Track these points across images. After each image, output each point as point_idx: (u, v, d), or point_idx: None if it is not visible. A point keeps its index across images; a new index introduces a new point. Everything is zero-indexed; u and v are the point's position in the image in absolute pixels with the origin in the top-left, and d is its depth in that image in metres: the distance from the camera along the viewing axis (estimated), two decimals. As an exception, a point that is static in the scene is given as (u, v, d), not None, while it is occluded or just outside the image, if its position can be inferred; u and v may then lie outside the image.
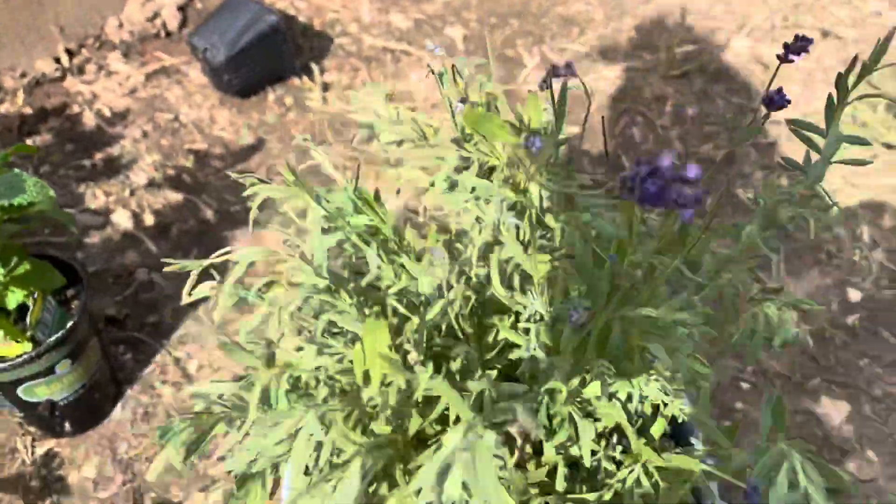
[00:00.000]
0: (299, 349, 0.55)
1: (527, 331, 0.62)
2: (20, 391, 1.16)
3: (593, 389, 0.61)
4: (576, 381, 0.60)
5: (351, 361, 0.56)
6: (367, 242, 0.66)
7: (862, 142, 0.68)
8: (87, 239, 1.53)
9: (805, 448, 0.54)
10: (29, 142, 1.65)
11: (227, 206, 1.59)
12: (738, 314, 0.75)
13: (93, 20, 1.87)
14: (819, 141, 0.68)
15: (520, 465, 0.67)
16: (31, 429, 1.28)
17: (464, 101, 0.73)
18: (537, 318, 0.61)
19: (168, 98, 1.80)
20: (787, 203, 0.73)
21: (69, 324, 1.14)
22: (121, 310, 1.43)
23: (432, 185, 0.76)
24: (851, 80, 0.61)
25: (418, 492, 0.43)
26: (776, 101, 0.52)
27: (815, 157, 0.69)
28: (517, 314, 0.70)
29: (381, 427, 0.55)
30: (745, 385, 1.33)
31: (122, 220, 1.55)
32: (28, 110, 1.72)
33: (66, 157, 1.66)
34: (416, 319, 0.57)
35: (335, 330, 0.61)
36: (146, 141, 1.70)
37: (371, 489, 0.54)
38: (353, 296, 0.58)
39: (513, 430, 0.69)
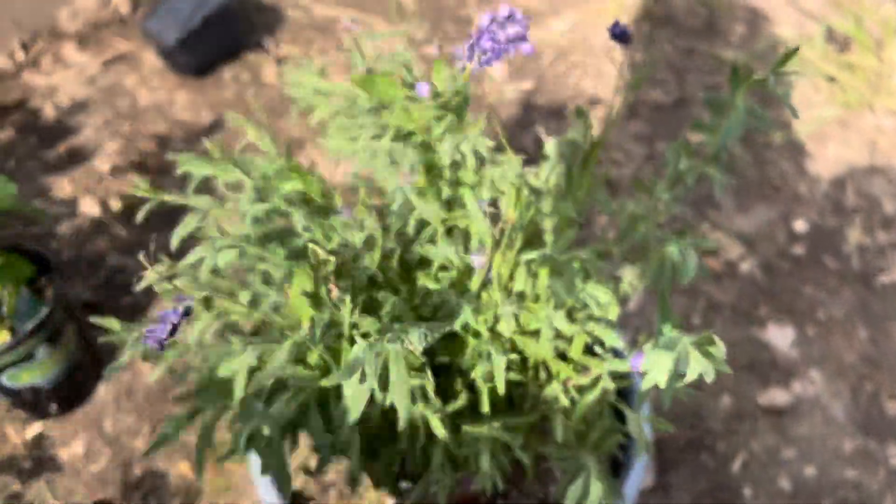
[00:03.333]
0: (231, 294, 0.61)
1: (439, 279, 0.68)
2: (4, 378, 1.22)
3: (507, 326, 0.67)
4: (490, 318, 0.66)
5: (278, 309, 0.62)
6: (296, 205, 0.71)
7: (761, 124, 0.72)
8: (58, 228, 1.57)
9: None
10: (-7, 138, 1.69)
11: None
12: (646, 256, 0.81)
13: (45, 11, 1.89)
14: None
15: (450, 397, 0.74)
16: (19, 413, 1.34)
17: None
18: (449, 265, 0.67)
19: (126, 84, 1.84)
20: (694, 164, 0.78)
21: (44, 310, 1.20)
22: (96, 295, 1.48)
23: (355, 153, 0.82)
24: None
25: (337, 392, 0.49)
26: (618, 35, 0.57)
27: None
28: (441, 267, 0.76)
29: (314, 360, 0.61)
30: (696, 321, 1.40)
31: (90, 207, 1.59)
32: (-11, 107, 1.75)
33: (31, 150, 1.70)
34: (339, 261, 0.63)
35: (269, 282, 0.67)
36: (108, 128, 1.74)
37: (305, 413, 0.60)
38: (282, 249, 0.64)
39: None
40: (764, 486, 1.21)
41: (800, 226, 1.54)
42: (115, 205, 1.60)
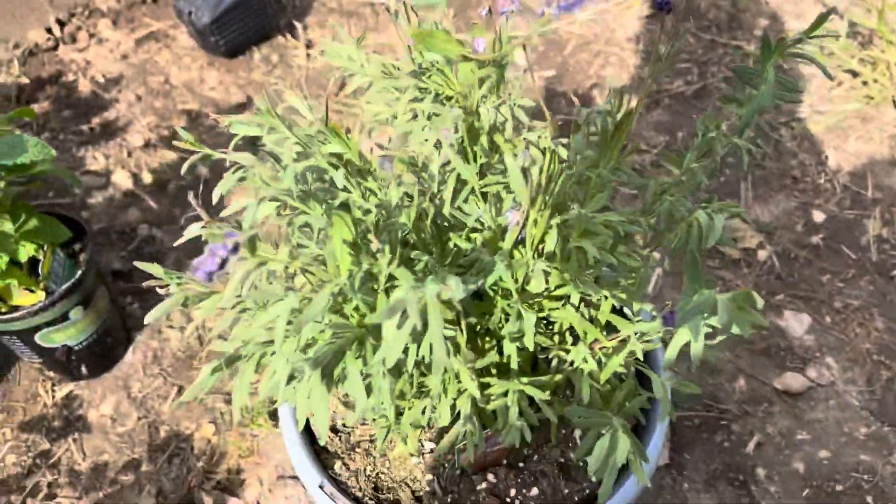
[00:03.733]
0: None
1: (471, 239, 0.70)
2: (38, 338, 1.25)
3: (537, 284, 0.69)
4: (521, 276, 0.69)
5: (323, 262, 0.64)
6: (335, 167, 0.74)
7: (791, 96, 0.73)
8: (90, 199, 1.61)
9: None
10: (28, 110, 1.73)
11: (221, 162, 1.67)
12: (674, 223, 0.83)
13: (80, -10, 1.93)
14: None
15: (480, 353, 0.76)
16: (51, 374, 1.38)
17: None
18: (482, 226, 0.70)
19: (158, 62, 1.87)
20: (723, 135, 0.80)
21: (78, 273, 1.23)
22: (126, 264, 1.52)
23: (395, 117, 0.84)
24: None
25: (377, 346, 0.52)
26: (662, 3, 0.60)
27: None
28: (473, 229, 0.78)
29: (351, 311, 0.64)
30: (713, 303, 1.42)
31: (122, 179, 1.63)
32: (24, 80, 1.79)
33: (65, 122, 1.74)
34: (376, 219, 0.66)
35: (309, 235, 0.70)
36: (140, 104, 1.78)
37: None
38: (321, 204, 0.67)
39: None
40: (777, 468, 1.23)
41: (818, 216, 1.55)
42: (147, 178, 1.64)
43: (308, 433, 0.93)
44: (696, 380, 1.32)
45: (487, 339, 0.82)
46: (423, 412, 0.77)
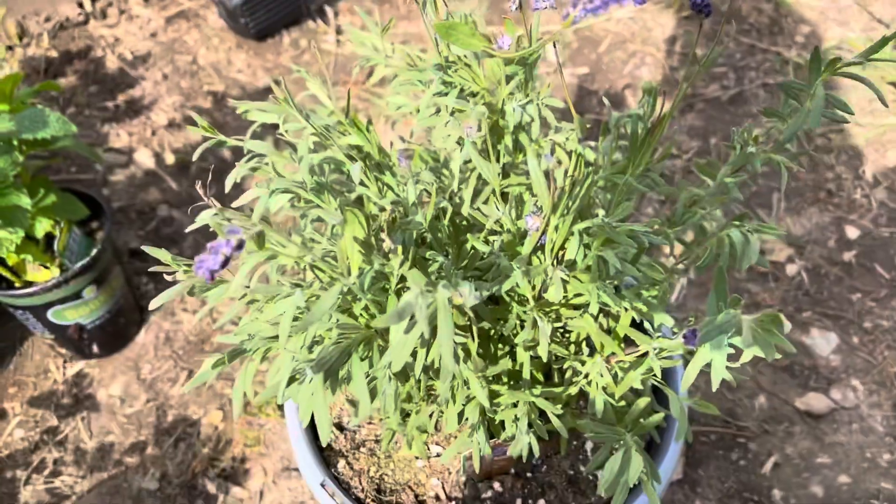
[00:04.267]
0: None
1: (489, 242, 0.67)
2: (50, 314, 1.25)
3: (556, 292, 0.66)
4: (538, 283, 0.66)
5: (334, 257, 0.62)
6: (353, 160, 0.72)
7: (838, 115, 0.69)
8: (111, 177, 1.60)
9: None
10: (55, 84, 1.73)
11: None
12: (704, 237, 0.79)
13: (113, -35, 1.92)
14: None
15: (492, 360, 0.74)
16: (63, 351, 1.37)
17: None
18: (501, 228, 0.67)
19: (187, 41, 1.86)
20: (762, 149, 0.76)
21: (94, 251, 1.22)
22: (143, 243, 1.51)
23: (418, 110, 0.82)
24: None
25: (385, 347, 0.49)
26: (699, 4, 0.57)
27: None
28: (491, 231, 0.76)
29: (359, 311, 0.62)
30: (737, 316, 1.38)
31: (144, 158, 1.62)
32: (53, 53, 1.79)
33: (91, 98, 1.73)
34: (391, 217, 0.63)
35: (321, 230, 0.68)
36: (166, 83, 1.77)
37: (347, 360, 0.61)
38: (336, 197, 0.64)
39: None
40: (794, 491, 1.19)
41: (852, 232, 1.50)
42: (169, 158, 1.62)
43: (313, 429, 0.91)
44: (714, 395, 1.28)
45: (500, 345, 0.79)
46: (431, 417, 0.75)
